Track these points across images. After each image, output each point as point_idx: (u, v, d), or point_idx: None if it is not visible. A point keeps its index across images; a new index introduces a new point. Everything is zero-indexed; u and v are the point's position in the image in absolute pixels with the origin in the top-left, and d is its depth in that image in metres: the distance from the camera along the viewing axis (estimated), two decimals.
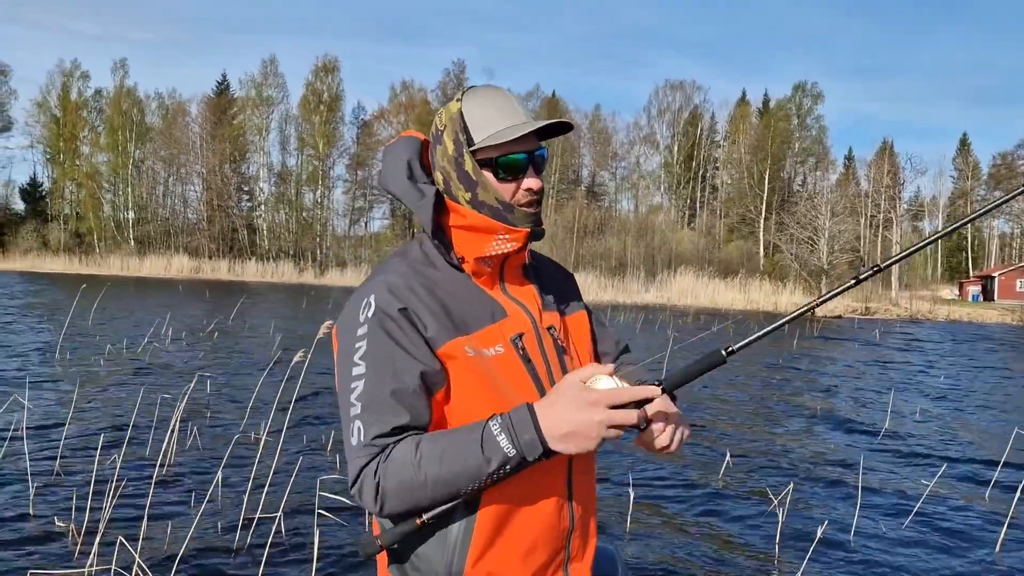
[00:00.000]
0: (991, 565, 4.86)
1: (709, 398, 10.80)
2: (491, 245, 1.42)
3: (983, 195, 75.53)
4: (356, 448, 1.30)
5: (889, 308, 43.70)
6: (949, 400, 11.88)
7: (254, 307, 25.33)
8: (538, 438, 1.25)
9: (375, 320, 1.34)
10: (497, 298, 1.47)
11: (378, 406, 1.30)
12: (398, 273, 1.40)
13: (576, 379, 1.29)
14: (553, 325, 1.54)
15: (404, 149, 1.50)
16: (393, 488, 1.27)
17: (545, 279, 1.62)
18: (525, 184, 1.42)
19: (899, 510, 5.83)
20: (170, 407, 7.32)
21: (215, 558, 4.26)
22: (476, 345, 1.37)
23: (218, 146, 62.60)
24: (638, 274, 49.62)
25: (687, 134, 72.31)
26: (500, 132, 1.38)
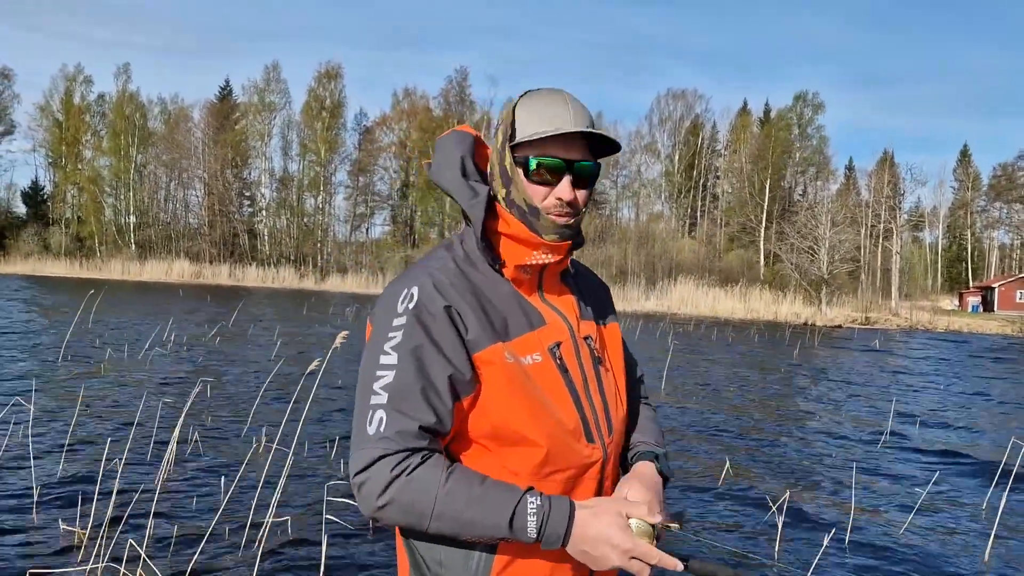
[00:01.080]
0: (982, 573, 4.90)
1: (711, 403, 10.83)
2: (532, 256, 1.39)
3: (983, 206, 75.65)
4: (372, 437, 1.26)
5: (889, 318, 43.73)
6: (948, 410, 11.91)
7: (255, 312, 25.37)
8: (562, 540, 1.24)
9: (415, 313, 1.31)
10: (536, 305, 1.44)
11: (406, 401, 1.26)
12: (443, 269, 1.37)
13: (622, 510, 1.27)
14: (590, 335, 1.50)
15: (458, 145, 1.46)
16: (403, 503, 1.23)
17: (584, 288, 1.59)
18: (557, 191, 1.36)
19: (896, 519, 5.87)
20: (173, 411, 7.37)
21: (222, 560, 4.30)
22: (515, 352, 1.34)
23: (220, 151, 62.72)
24: (638, 282, 49.65)
25: (688, 143, 72.45)
26: (537, 132, 1.34)
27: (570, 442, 1.37)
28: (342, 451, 6.82)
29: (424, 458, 1.26)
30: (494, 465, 1.34)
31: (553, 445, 1.34)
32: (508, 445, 1.34)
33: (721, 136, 74.36)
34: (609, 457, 1.44)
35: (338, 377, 11.18)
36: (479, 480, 1.26)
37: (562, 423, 1.36)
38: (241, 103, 67.51)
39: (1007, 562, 5.13)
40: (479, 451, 1.36)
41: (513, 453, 1.34)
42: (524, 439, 1.33)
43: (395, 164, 68.74)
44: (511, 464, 1.34)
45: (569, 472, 1.37)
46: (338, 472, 6.16)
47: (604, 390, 1.47)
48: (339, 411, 8.83)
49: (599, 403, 1.45)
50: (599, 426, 1.43)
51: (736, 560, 4.81)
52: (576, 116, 1.36)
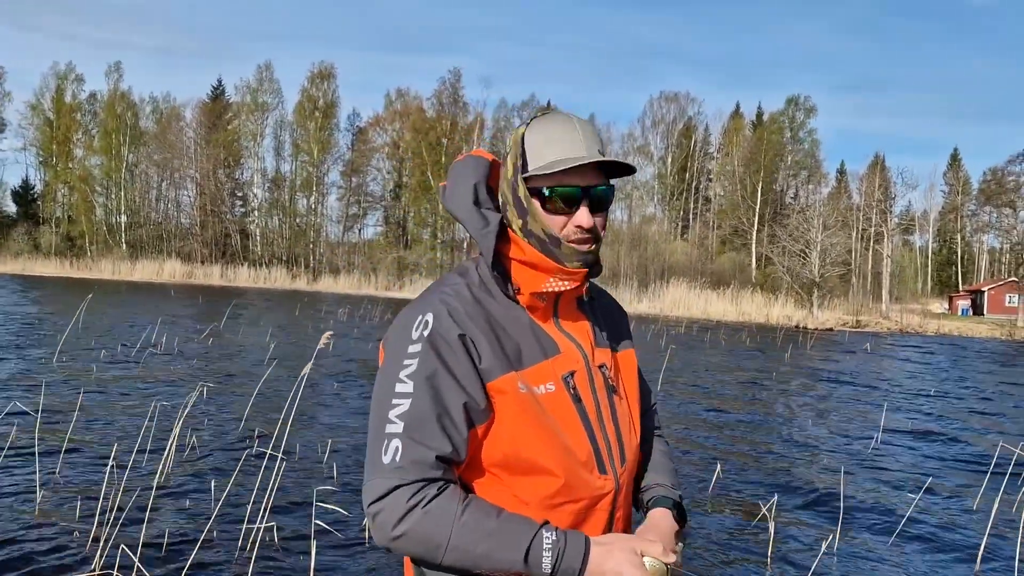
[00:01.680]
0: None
1: (703, 406, 10.87)
2: (548, 282, 1.38)
3: (973, 210, 76.07)
4: (388, 467, 1.25)
5: (880, 321, 43.94)
6: (938, 413, 11.98)
7: (247, 313, 25.31)
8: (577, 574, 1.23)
9: (429, 341, 1.30)
10: (551, 333, 1.42)
11: (422, 430, 1.26)
12: (458, 296, 1.36)
13: (637, 548, 1.27)
14: (604, 363, 1.49)
15: (472, 171, 1.45)
16: (419, 535, 1.22)
17: (599, 314, 1.57)
18: (575, 220, 1.35)
19: (886, 524, 5.90)
20: (166, 414, 7.35)
21: (213, 566, 4.29)
22: (528, 381, 1.33)
23: (212, 151, 62.50)
24: (631, 284, 49.73)
25: (681, 145, 72.62)
26: (551, 163, 1.33)
27: (582, 473, 1.36)
28: (333, 457, 6.82)
29: (440, 489, 1.25)
30: (504, 494, 1.34)
31: (567, 475, 1.34)
32: (519, 474, 1.34)
33: (714, 139, 74.60)
34: (622, 488, 1.44)
35: (331, 380, 11.17)
36: (495, 513, 1.25)
37: (574, 454, 1.35)
38: (234, 103, 67.28)
39: (1000, 565, 5.17)
40: (490, 480, 1.35)
41: (524, 483, 1.34)
42: (537, 468, 1.33)
43: (388, 165, 68.68)
44: (522, 494, 1.34)
45: (581, 503, 1.37)
46: (329, 479, 6.16)
47: (618, 419, 1.46)
48: (330, 416, 8.83)
49: (612, 433, 1.44)
50: (612, 456, 1.42)
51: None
52: (588, 141, 1.35)
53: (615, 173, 1.43)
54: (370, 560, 4.55)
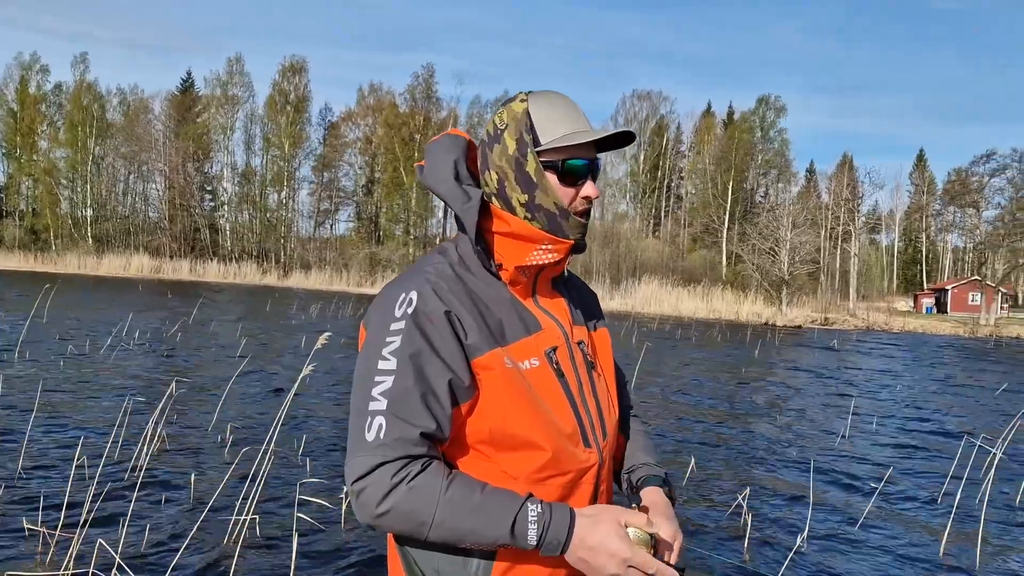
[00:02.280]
0: (936, 566, 5.07)
1: (675, 402, 10.99)
2: (532, 255, 1.39)
3: (938, 210, 77.46)
4: (371, 444, 1.24)
5: (847, 319, 44.59)
6: (903, 408, 12.23)
7: (217, 309, 25.05)
8: (562, 548, 1.25)
9: (414, 318, 1.29)
10: (532, 310, 1.43)
11: (406, 407, 1.25)
12: (441, 273, 1.36)
13: (622, 519, 1.28)
14: (583, 340, 1.51)
15: (450, 148, 1.45)
16: (404, 511, 1.22)
17: (573, 293, 1.59)
18: (584, 191, 1.40)
19: (855, 513, 6.03)
20: (139, 411, 7.28)
21: (194, 559, 4.28)
22: (513, 357, 1.34)
23: (181, 144, 61.64)
24: (603, 281, 49.97)
25: (653, 144, 73.07)
26: (569, 135, 1.36)
27: (568, 447, 1.37)
28: (310, 447, 6.81)
29: (424, 465, 1.25)
30: (492, 470, 1.34)
31: (554, 449, 1.34)
32: (507, 450, 1.34)
33: (685, 137, 75.13)
34: (605, 461, 1.45)
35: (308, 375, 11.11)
36: (479, 487, 1.26)
37: (560, 428, 1.36)
38: (203, 96, 66.44)
39: (962, 553, 5.31)
40: (476, 457, 1.35)
41: (512, 458, 1.34)
42: (525, 443, 1.33)
43: (360, 160, 68.29)
44: (511, 469, 1.34)
45: (568, 476, 1.37)
46: (309, 469, 6.15)
47: (598, 394, 1.48)
48: (309, 408, 8.80)
49: (594, 407, 1.45)
50: (595, 430, 1.43)
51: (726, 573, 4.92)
52: (585, 116, 1.41)
53: (603, 148, 1.46)
54: (352, 552, 4.56)
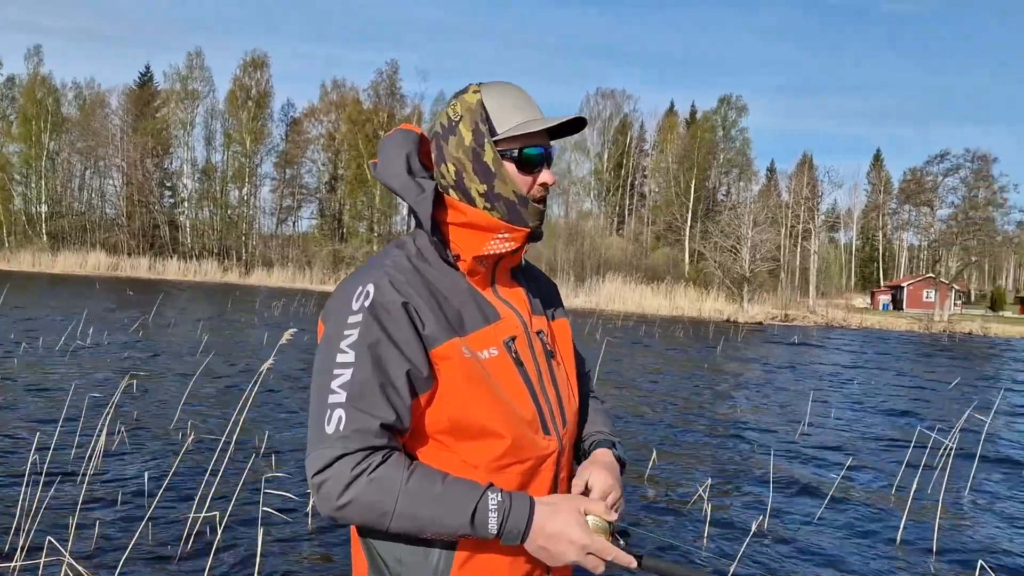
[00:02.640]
0: (893, 551, 5.20)
1: (638, 397, 11.09)
2: (489, 244, 1.40)
3: (894, 208, 79.04)
4: (331, 436, 1.23)
5: (807, 316, 45.34)
6: (860, 402, 12.48)
7: (177, 307, 24.67)
8: (521, 536, 1.27)
9: (371, 310, 1.29)
10: (490, 299, 1.44)
11: (365, 399, 1.25)
12: (398, 266, 1.36)
13: (580, 507, 1.31)
14: (542, 329, 1.52)
15: (402, 143, 1.45)
16: (365, 503, 1.22)
17: (532, 284, 1.60)
18: (541, 178, 1.41)
19: (813, 503, 6.15)
20: (96, 408, 7.15)
21: (154, 558, 4.22)
22: (471, 347, 1.35)
23: (139, 139, 60.51)
24: (568, 279, 50.20)
25: (617, 142, 73.53)
26: (525, 124, 1.37)
27: (528, 434, 1.38)
28: (273, 443, 6.75)
29: (385, 457, 1.25)
30: (452, 460, 1.34)
31: (513, 437, 1.35)
32: (467, 439, 1.34)
33: (649, 136, 75.76)
34: (564, 448, 1.46)
35: (270, 371, 10.99)
36: (440, 478, 1.26)
37: (520, 415, 1.37)
38: (163, 90, 65.30)
39: (917, 543, 5.45)
40: (435, 447, 1.36)
41: (472, 447, 1.34)
42: (485, 431, 1.33)
43: (323, 157, 67.66)
44: (471, 458, 1.34)
45: (528, 464, 1.38)
46: (273, 464, 6.09)
47: (557, 383, 1.49)
48: (272, 404, 8.72)
49: (553, 396, 1.46)
50: (554, 418, 1.44)
51: (687, 559, 4.98)
52: (537, 105, 1.42)
53: (556, 136, 1.47)
54: (317, 545, 4.54)
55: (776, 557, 4.97)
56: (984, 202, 52.07)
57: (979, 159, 52.40)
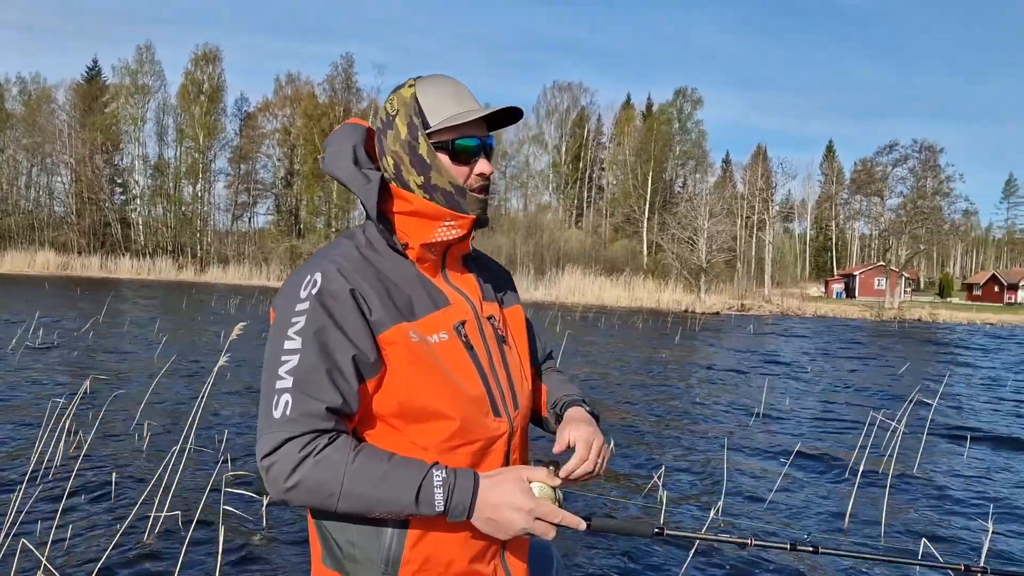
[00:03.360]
0: (842, 526, 5.39)
1: (598, 386, 11.23)
2: (436, 231, 1.42)
3: (846, 198, 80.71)
4: (279, 420, 1.26)
5: (762, 305, 46.15)
6: (813, 386, 12.80)
7: (131, 305, 24.22)
8: (468, 511, 1.29)
9: (318, 298, 1.32)
10: (440, 286, 1.47)
11: (311, 383, 1.28)
12: (346, 255, 1.39)
13: (523, 475, 1.33)
14: (493, 315, 1.55)
15: (348, 136, 1.49)
16: (311, 484, 1.25)
17: (484, 270, 1.64)
18: (478, 168, 1.44)
19: (766, 488, 6.33)
20: (51, 411, 7.03)
21: (119, 557, 4.20)
22: (420, 331, 1.37)
23: (88, 135, 59.11)
24: (527, 272, 50.34)
25: (574, 135, 73.87)
26: (456, 115, 1.39)
27: (477, 415, 1.40)
28: (232, 438, 6.71)
29: (331, 439, 1.27)
30: (401, 442, 1.37)
31: (462, 418, 1.38)
32: (416, 422, 1.37)
33: (606, 129, 76.27)
34: (516, 430, 1.49)
35: (224, 371, 10.90)
36: (386, 457, 1.28)
37: (469, 397, 1.39)
38: (112, 85, 63.84)
39: (865, 516, 5.65)
40: (385, 430, 1.38)
41: (422, 429, 1.37)
42: (434, 413, 1.36)
43: (279, 152, 66.83)
44: (419, 440, 1.37)
45: (477, 445, 1.41)
46: (231, 459, 6.07)
47: (509, 367, 1.53)
48: (230, 400, 8.65)
49: (504, 379, 1.50)
50: (505, 401, 1.47)
51: None
52: (472, 96, 1.45)
53: (495, 126, 1.51)
54: (278, 536, 4.55)
55: (730, 547, 5.11)
56: (931, 192, 53.43)
57: (926, 150, 53.75)
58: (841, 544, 5.12)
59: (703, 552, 4.74)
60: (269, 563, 4.27)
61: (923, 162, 53.76)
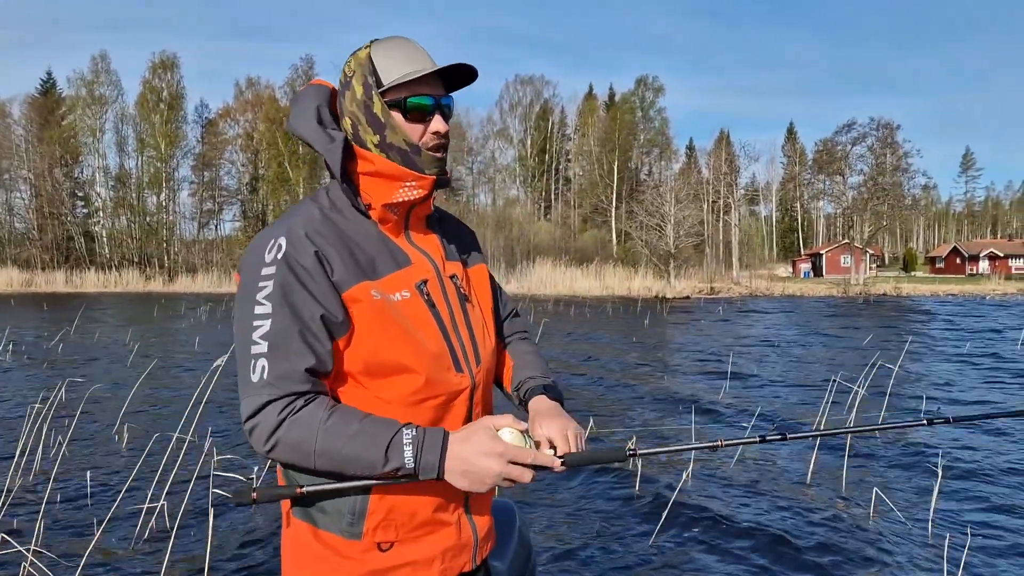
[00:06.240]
0: (805, 491, 5.64)
1: (573, 372, 11.44)
2: (398, 192, 1.45)
3: (808, 179, 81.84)
4: (257, 384, 1.31)
5: (732, 287, 46.80)
6: (781, 362, 13.14)
7: (100, 318, 24.00)
8: (438, 466, 1.31)
9: (283, 261, 1.35)
10: (402, 245, 1.50)
11: (285, 347, 1.32)
12: (309, 217, 1.41)
13: (490, 424, 1.36)
14: (455, 274, 1.58)
15: (313, 96, 1.50)
16: (290, 442, 1.29)
17: (448, 231, 1.67)
18: (432, 127, 1.44)
19: (731, 458, 6.58)
20: (31, 421, 7.07)
21: (110, 551, 4.31)
22: (382, 290, 1.41)
23: (46, 149, 58.07)
24: (499, 266, 50.49)
25: (539, 128, 74.08)
26: (408, 73, 1.41)
27: (440, 371, 1.44)
28: (216, 433, 6.80)
29: (308, 400, 1.32)
30: (367, 397, 1.40)
31: (426, 373, 1.42)
32: (381, 377, 1.40)
33: (570, 120, 76.56)
34: (479, 385, 1.53)
35: (201, 365, 10.95)
36: (359, 417, 1.32)
37: (431, 352, 1.43)
38: (67, 97, 62.76)
39: (825, 481, 5.91)
40: (353, 386, 1.41)
41: (386, 384, 1.41)
42: (398, 368, 1.40)
43: (242, 157, 66.19)
44: (384, 394, 1.40)
45: (440, 399, 1.45)
46: (217, 450, 6.17)
47: (471, 324, 1.55)
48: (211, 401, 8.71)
49: (466, 335, 1.53)
50: (467, 356, 1.51)
51: (617, 514, 5.29)
52: (430, 57, 1.47)
53: (453, 87, 1.53)
54: (268, 521, 4.68)
55: (698, 507, 5.34)
56: (891, 168, 54.43)
57: (883, 127, 54.74)
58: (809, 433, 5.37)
59: (677, 514, 4.96)
60: (262, 545, 4.41)
61: (881, 139, 54.75)
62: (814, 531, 4.79)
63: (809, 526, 4.88)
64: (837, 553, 4.43)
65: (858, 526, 4.89)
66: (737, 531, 4.77)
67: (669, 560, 4.28)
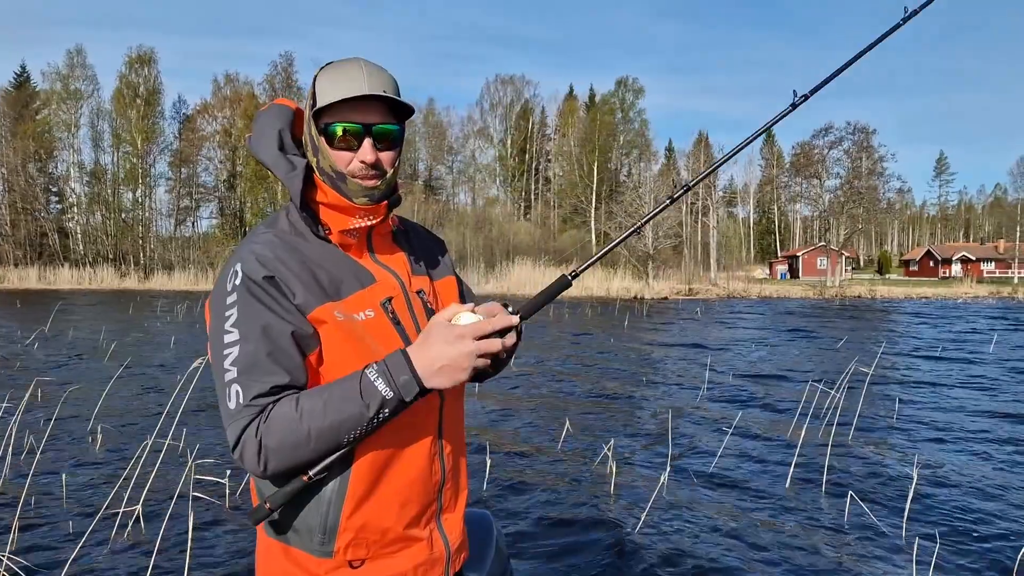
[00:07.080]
0: (784, 494, 5.72)
1: (551, 373, 11.49)
2: (352, 220, 1.45)
3: (786, 182, 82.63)
4: (235, 411, 1.31)
5: (710, 288, 47.14)
6: (757, 363, 13.27)
7: (75, 316, 23.70)
8: (414, 378, 1.31)
9: (243, 287, 1.35)
10: (366, 265, 1.49)
11: (255, 369, 1.32)
12: (263, 243, 1.41)
13: (441, 319, 1.36)
14: (422, 288, 1.58)
15: (276, 118, 1.50)
16: (276, 445, 1.28)
17: (416, 245, 1.66)
18: (359, 155, 1.41)
19: (709, 459, 6.64)
20: (3, 421, 7.00)
21: (91, 552, 4.28)
22: (345, 310, 1.40)
23: (20, 144, 57.27)
24: (478, 265, 50.49)
25: (519, 128, 74.18)
26: (334, 98, 1.38)
27: None
28: (191, 435, 6.77)
29: (274, 403, 1.32)
30: None
31: None
32: None
33: (550, 120, 76.74)
34: (446, 398, 1.53)
35: (178, 372, 10.87)
36: (325, 387, 1.33)
37: None
38: (42, 91, 61.94)
39: (805, 483, 5.99)
40: None
41: None
42: None
43: (220, 154, 65.61)
44: None
45: (408, 415, 1.42)
46: (195, 453, 6.14)
47: None
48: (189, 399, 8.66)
49: None
50: None
51: (593, 519, 5.33)
52: (371, 80, 1.40)
53: (404, 115, 1.49)
54: (244, 523, 4.67)
55: (674, 514, 5.40)
56: (867, 171, 55.13)
57: (860, 131, 55.44)
58: None
59: (653, 521, 5.01)
60: (238, 546, 4.40)
61: (857, 143, 55.42)
62: (790, 535, 4.87)
63: (786, 529, 4.96)
64: (814, 554, 4.50)
65: (833, 529, 4.97)
66: (714, 535, 4.83)
67: (647, 567, 4.32)
